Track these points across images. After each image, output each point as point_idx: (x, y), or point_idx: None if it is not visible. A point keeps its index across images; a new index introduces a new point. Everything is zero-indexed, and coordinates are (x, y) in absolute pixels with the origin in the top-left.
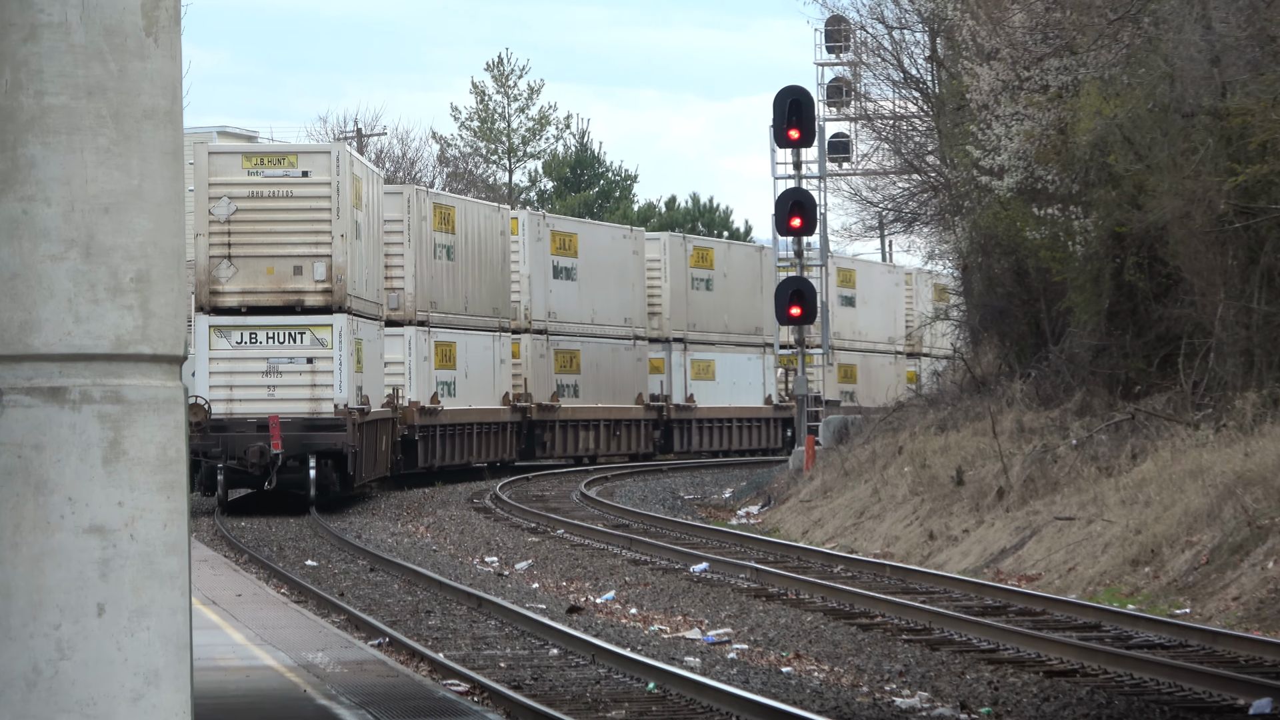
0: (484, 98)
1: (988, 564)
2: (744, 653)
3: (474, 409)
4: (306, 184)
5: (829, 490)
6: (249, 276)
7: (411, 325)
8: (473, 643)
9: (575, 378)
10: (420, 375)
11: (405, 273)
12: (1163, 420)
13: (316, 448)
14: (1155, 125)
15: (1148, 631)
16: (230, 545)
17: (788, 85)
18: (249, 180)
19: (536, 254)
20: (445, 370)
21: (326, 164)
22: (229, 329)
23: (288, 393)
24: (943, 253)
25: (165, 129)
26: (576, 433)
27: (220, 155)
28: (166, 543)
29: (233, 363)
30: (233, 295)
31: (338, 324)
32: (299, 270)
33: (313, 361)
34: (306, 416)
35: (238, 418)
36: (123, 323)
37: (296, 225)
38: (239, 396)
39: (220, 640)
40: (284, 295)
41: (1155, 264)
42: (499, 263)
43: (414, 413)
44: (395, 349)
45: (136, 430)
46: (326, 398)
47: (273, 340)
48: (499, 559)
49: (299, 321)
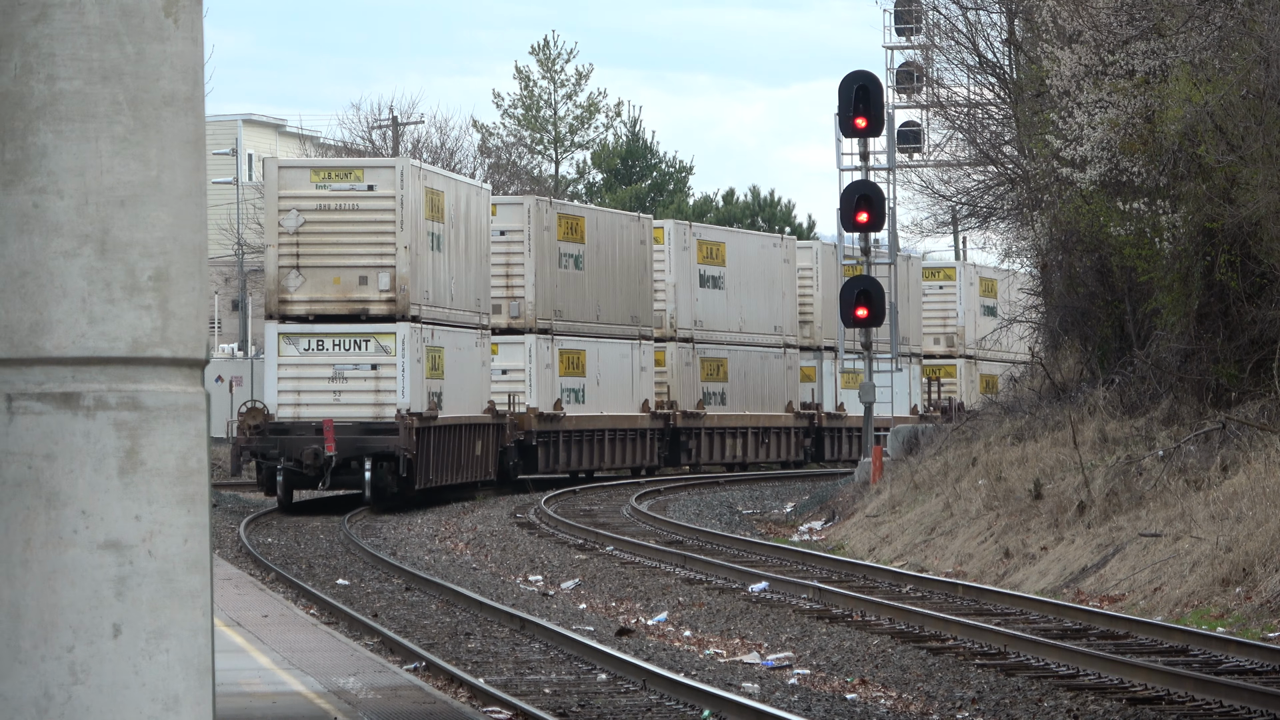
0: (529, 83)
1: (1067, 584)
2: (806, 678)
3: (605, 415)
4: (372, 197)
5: (897, 504)
6: (316, 286)
7: (532, 333)
8: (515, 667)
9: (722, 385)
10: (542, 382)
11: (526, 282)
12: (1256, 430)
13: (371, 450)
14: (1250, 113)
15: (1239, 656)
16: (256, 563)
17: (854, 70)
18: (317, 193)
19: (682, 263)
20: (572, 377)
21: (391, 178)
22: (297, 336)
23: (352, 397)
24: (1020, 250)
25: (186, 116)
26: (723, 440)
27: (290, 169)
28: (187, 559)
29: (300, 368)
30: (301, 304)
31: (401, 332)
32: (364, 280)
33: (376, 368)
34: (365, 420)
35: (302, 421)
36: (140, 324)
37: (362, 237)
38: (305, 401)
39: (245, 664)
40: (350, 304)
41: (1249, 262)
42: (638, 271)
43: (531, 418)
44: (516, 356)
45: (155, 439)
46: (389, 403)
47: (338, 347)
48: (544, 578)
49: (364, 329)
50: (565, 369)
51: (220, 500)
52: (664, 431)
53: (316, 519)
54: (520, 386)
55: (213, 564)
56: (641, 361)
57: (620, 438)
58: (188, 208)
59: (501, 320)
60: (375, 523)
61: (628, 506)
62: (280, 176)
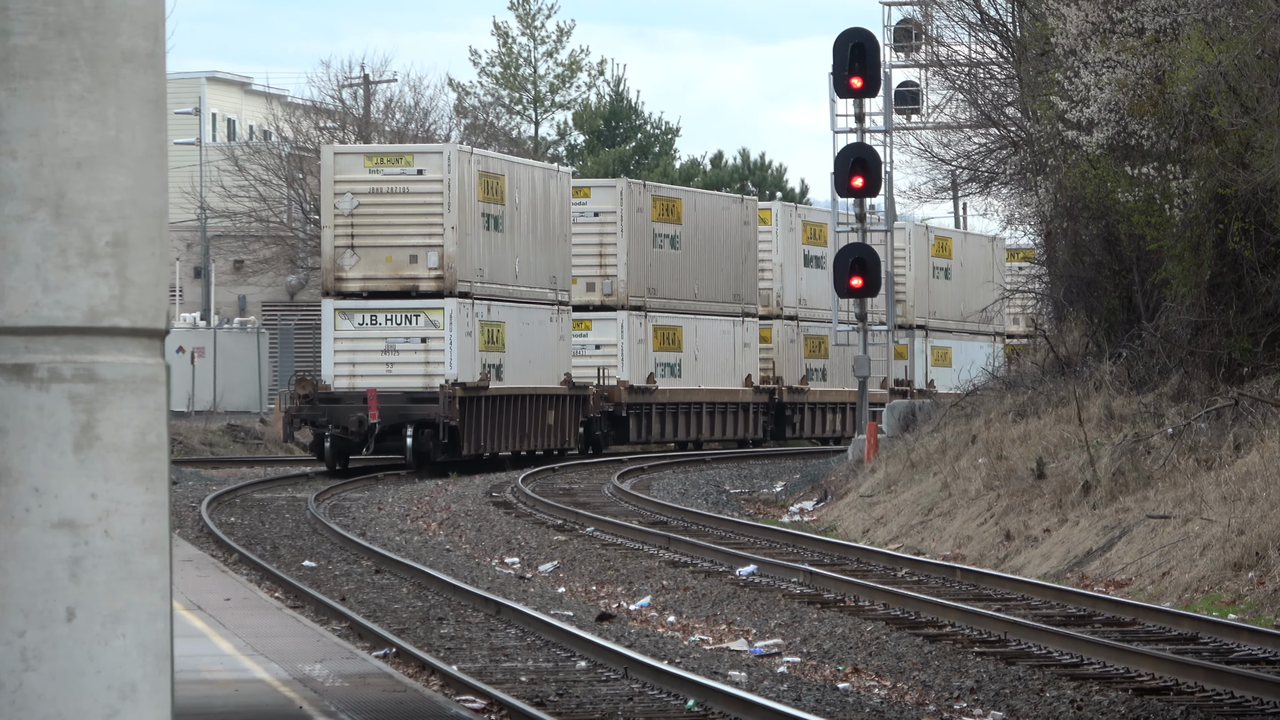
0: (507, 40)
1: (1071, 568)
2: (796, 666)
3: (703, 389)
4: (421, 180)
5: (893, 484)
6: (369, 264)
7: (625, 310)
8: (490, 654)
9: (824, 362)
10: (634, 356)
11: (618, 260)
12: (1271, 406)
13: (413, 418)
14: (1265, 74)
15: (1251, 644)
16: (218, 543)
17: (850, 27)
18: (370, 177)
19: (788, 244)
20: (668, 352)
21: (439, 162)
22: (352, 312)
23: (402, 369)
24: (1023, 217)
25: (146, 74)
26: (824, 414)
27: (344, 155)
28: (145, 539)
29: (355, 342)
30: (355, 281)
31: (449, 307)
32: (414, 258)
33: (426, 341)
34: (412, 390)
35: (355, 391)
36: (97, 292)
37: (412, 218)
38: (360, 373)
39: (206, 650)
40: (401, 281)
41: (1263, 230)
42: (742, 251)
43: (621, 391)
44: (609, 332)
45: (112, 413)
46: (438, 374)
47: (390, 322)
48: (521, 560)
49: (414, 305)
50: (660, 344)
51: (181, 477)
52: (769, 406)
53: (282, 496)
54: (612, 360)
55: (172, 545)
56: (745, 338)
57: (721, 411)
58: (148, 170)
59: (595, 297)
60: (344, 502)
61: (609, 485)
62: (336, 161)
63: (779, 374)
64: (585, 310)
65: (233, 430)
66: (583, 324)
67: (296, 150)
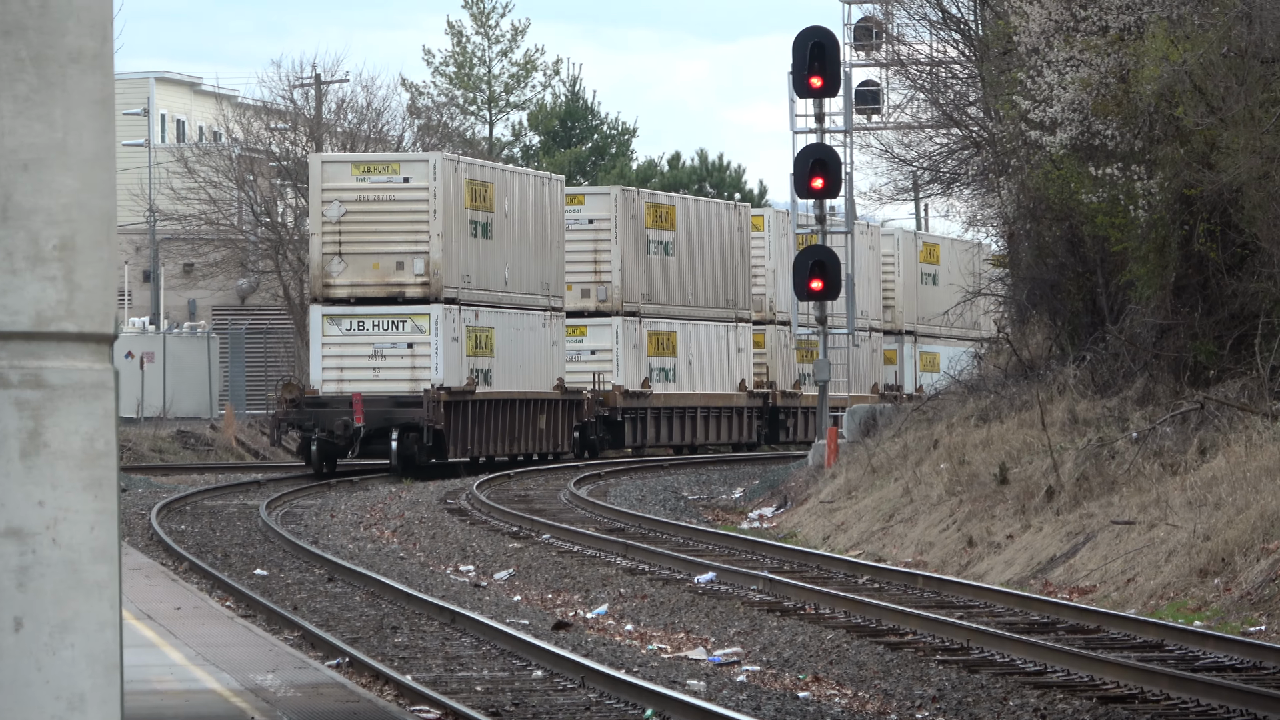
0: (461, 39)
1: (1035, 574)
2: (755, 675)
3: (697, 394)
4: (407, 189)
5: (854, 490)
6: (357, 271)
7: (619, 315)
8: (445, 663)
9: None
10: (629, 361)
11: (612, 267)
12: (1236, 410)
13: (398, 421)
14: (1230, 73)
15: (1217, 651)
16: (168, 552)
17: (809, 26)
18: (357, 185)
19: (780, 250)
20: (662, 357)
21: (425, 170)
22: (340, 317)
23: (389, 373)
24: (986, 218)
25: (94, 74)
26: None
27: (332, 164)
28: (94, 548)
29: (342, 347)
30: (343, 287)
31: (434, 313)
32: (401, 265)
33: (412, 346)
34: (398, 394)
35: (342, 395)
36: (44, 296)
37: (398, 225)
38: (348, 377)
39: (156, 660)
40: (387, 287)
41: (1229, 231)
42: (734, 257)
43: (617, 395)
44: (604, 337)
45: (60, 419)
46: (424, 378)
47: (377, 327)
48: (476, 568)
49: (400, 311)
50: (654, 349)
51: (130, 484)
52: (762, 410)
53: (233, 504)
54: (607, 365)
55: (122, 553)
56: (738, 343)
57: (715, 415)
58: (96, 172)
59: (590, 303)
60: (296, 509)
61: (566, 491)
62: (324, 170)
63: (772, 378)
64: (580, 316)
65: (183, 436)
66: (578, 330)
67: (247, 152)
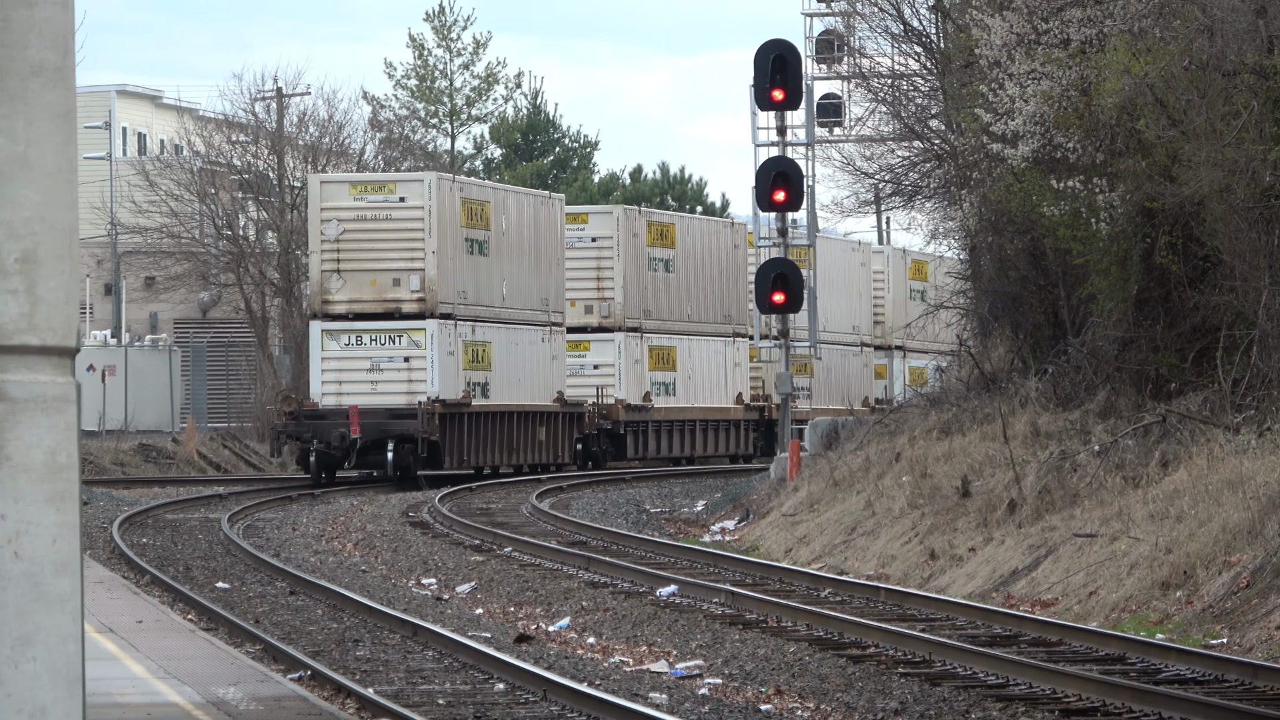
0: (423, 52)
1: (997, 587)
2: (717, 688)
3: (696, 407)
4: (403, 208)
5: (816, 503)
6: (355, 288)
7: (621, 331)
8: (407, 676)
9: (809, 380)
10: (631, 376)
11: (615, 284)
12: (1198, 423)
13: (393, 433)
14: (1192, 85)
15: (1179, 664)
16: (130, 565)
17: (771, 39)
18: (355, 205)
19: None
20: (663, 372)
21: (420, 190)
22: (338, 333)
23: (387, 386)
24: (947, 231)
25: (55, 87)
26: None
27: (330, 184)
28: (56, 561)
29: (341, 361)
30: (341, 304)
31: (430, 328)
32: (397, 282)
33: (409, 360)
34: (394, 407)
35: (342, 408)
36: (6, 309)
37: (395, 243)
38: (346, 390)
39: (118, 673)
40: (384, 303)
41: (1191, 244)
42: (731, 274)
43: (619, 409)
44: (606, 352)
45: (21, 432)
46: (420, 391)
47: (375, 342)
48: (438, 581)
49: (397, 326)
50: (655, 364)
51: (92, 498)
52: (759, 422)
53: (195, 517)
54: (610, 380)
55: (83, 566)
56: (735, 358)
57: (713, 428)
58: (58, 185)
59: (593, 319)
60: (258, 523)
61: (528, 505)
62: (323, 190)
63: (768, 392)
64: (584, 331)
65: (144, 450)
66: (581, 345)
67: (208, 165)
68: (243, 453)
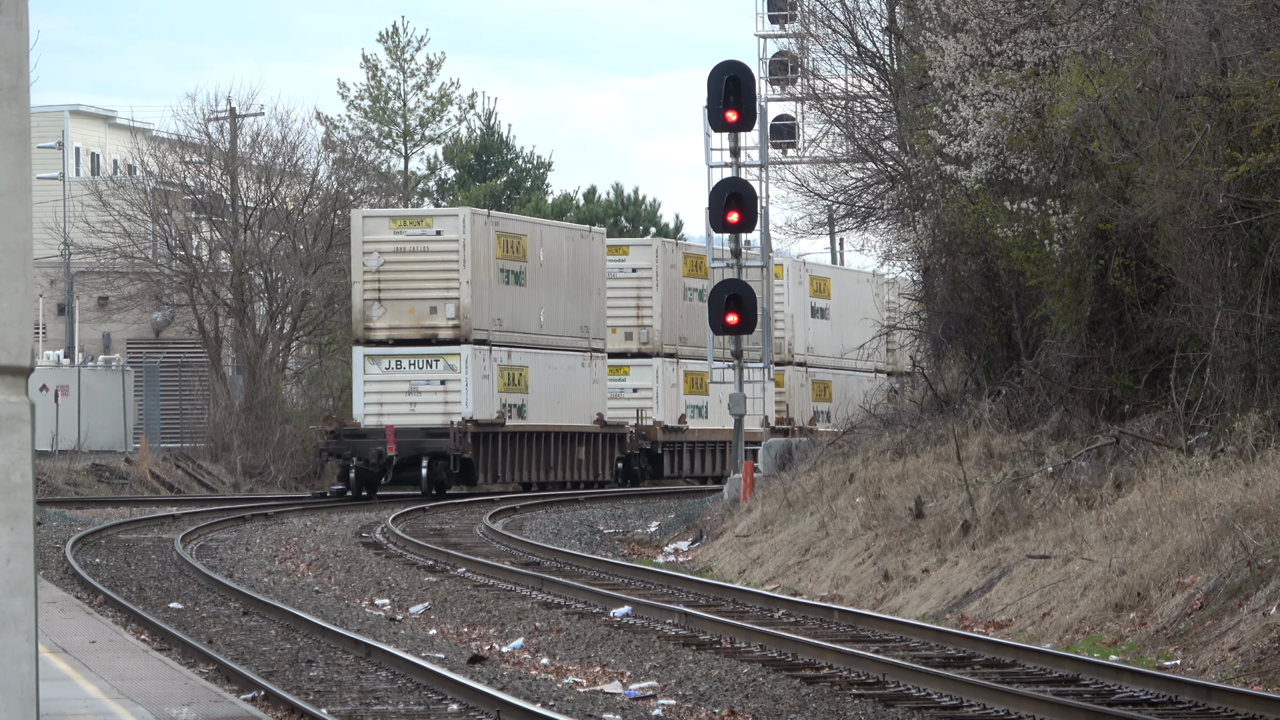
0: (376, 73)
1: (950, 608)
2: (671, 709)
3: (727, 429)
4: (440, 241)
5: (769, 524)
6: (395, 315)
7: (659, 357)
8: (360, 697)
9: (828, 405)
10: (668, 399)
11: (654, 312)
12: (1151, 445)
13: (427, 451)
14: (1145, 107)
15: (1133, 685)
16: (83, 585)
17: (724, 60)
18: (394, 238)
19: (797, 297)
20: (697, 395)
21: (455, 224)
22: (379, 357)
23: (424, 408)
24: (901, 252)
25: (9, 106)
26: None
27: (372, 219)
28: (10, 581)
29: (382, 384)
30: (382, 330)
31: (465, 352)
32: (434, 310)
33: (445, 383)
34: (429, 426)
35: (381, 428)
36: None
37: (432, 273)
38: (386, 411)
39: (71, 693)
40: (422, 330)
41: (1144, 266)
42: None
43: (657, 430)
44: (645, 377)
45: None
46: (456, 412)
47: (413, 366)
48: (391, 601)
49: (434, 351)
50: (690, 388)
51: (45, 518)
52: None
53: (148, 537)
54: (648, 402)
55: (37, 586)
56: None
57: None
58: (11, 205)
59: (633, 345)
60: (211, 543)
61: (481, 525)
62: (364, 224)
63: (791, 415)
64: (624, 357)
65: (98, 470)
66: (621, 370)
67: (162, 185)
68: (196, 473)
